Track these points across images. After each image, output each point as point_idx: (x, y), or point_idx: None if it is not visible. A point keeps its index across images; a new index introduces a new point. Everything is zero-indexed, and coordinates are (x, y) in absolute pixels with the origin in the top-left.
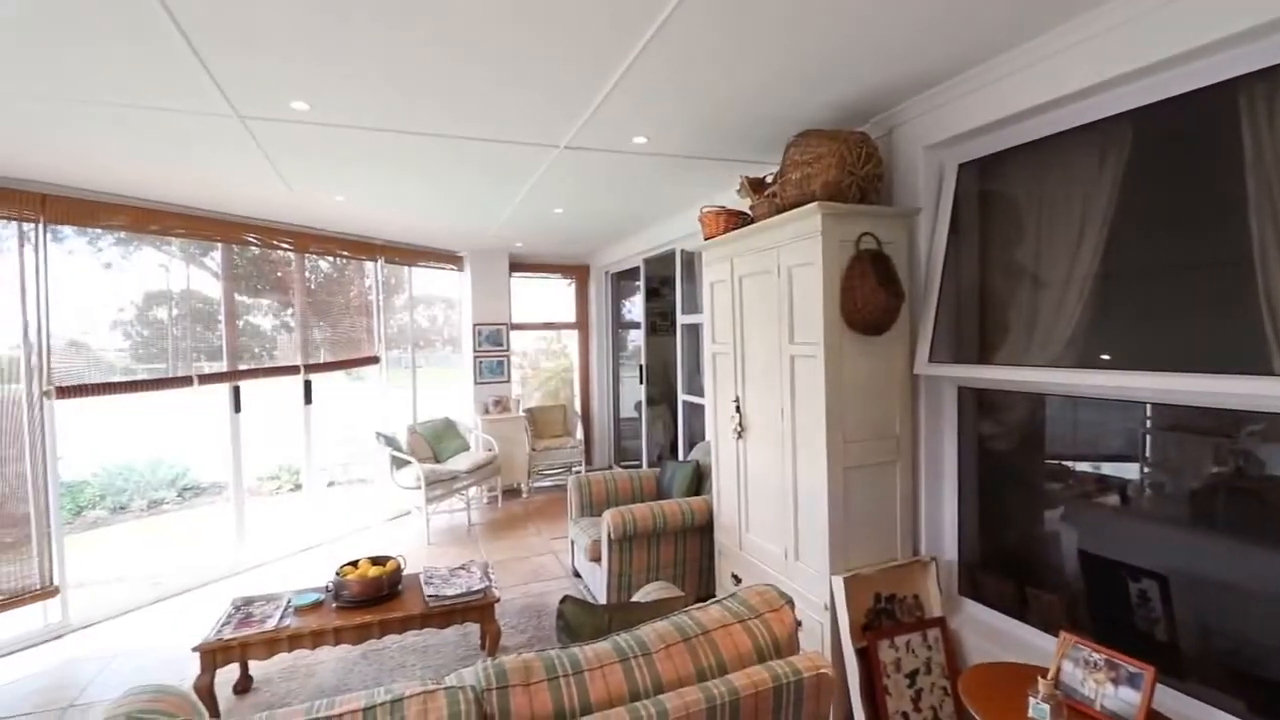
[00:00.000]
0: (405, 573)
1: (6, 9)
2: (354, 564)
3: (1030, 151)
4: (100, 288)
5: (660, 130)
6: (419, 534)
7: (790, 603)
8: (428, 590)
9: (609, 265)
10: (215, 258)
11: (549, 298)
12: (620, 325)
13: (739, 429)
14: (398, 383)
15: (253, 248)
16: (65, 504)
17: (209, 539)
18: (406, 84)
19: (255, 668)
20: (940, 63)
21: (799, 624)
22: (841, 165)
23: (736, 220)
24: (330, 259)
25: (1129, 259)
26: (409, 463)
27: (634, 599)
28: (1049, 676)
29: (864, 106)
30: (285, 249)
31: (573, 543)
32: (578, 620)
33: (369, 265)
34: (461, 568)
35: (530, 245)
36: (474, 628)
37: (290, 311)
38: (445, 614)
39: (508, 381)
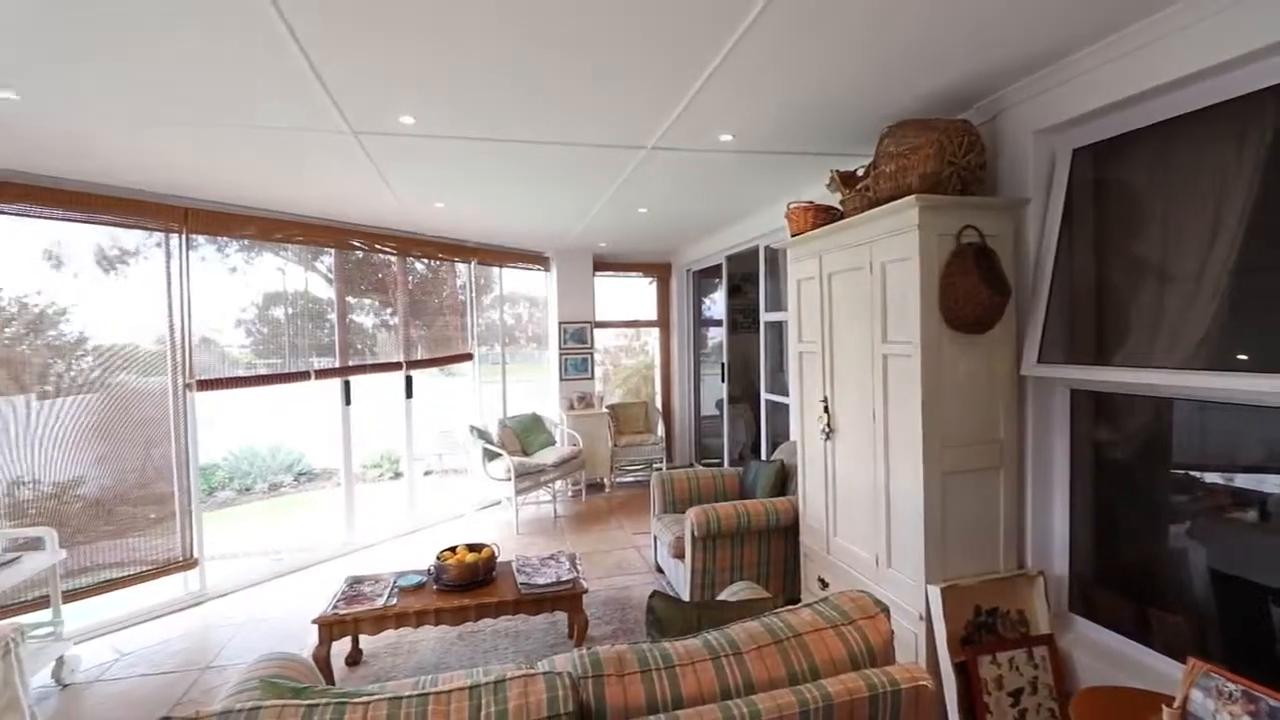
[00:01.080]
0: (498, 560)
1: (165, 50)
2: (452, 550)
3: (1156, 134)
4: (226, 290)
5: (747, 126)
6: (508, 523)
7: (885, 610)
8: (520, 578)
9: (690, 263)
10: (325, 262)
11: (631, 296)
12: (701, 323)
13: (827, 430)
14: (485, 378)
15: (357, 252)
16: (200, 485)
17: (322, 521)
18: (504, 95)
19: (364, 642)
20: (1055, 42)
21: (892, 633)
22: (940, 155)
23: (825, 216)
24: (426, 261)
25: (1272, 250)
26: (500, 455)
27: (719, 598)
28: (1175, 705)
29: (965, 93)
30: (389, 253)
31: (655, 538)
32: (667, 615)
33: (461, 266)
34: (551, 558)
35: (614, 245)
36: (562, 616)
37: (390, 311)
38: (536, 602)
39: (591, 378)
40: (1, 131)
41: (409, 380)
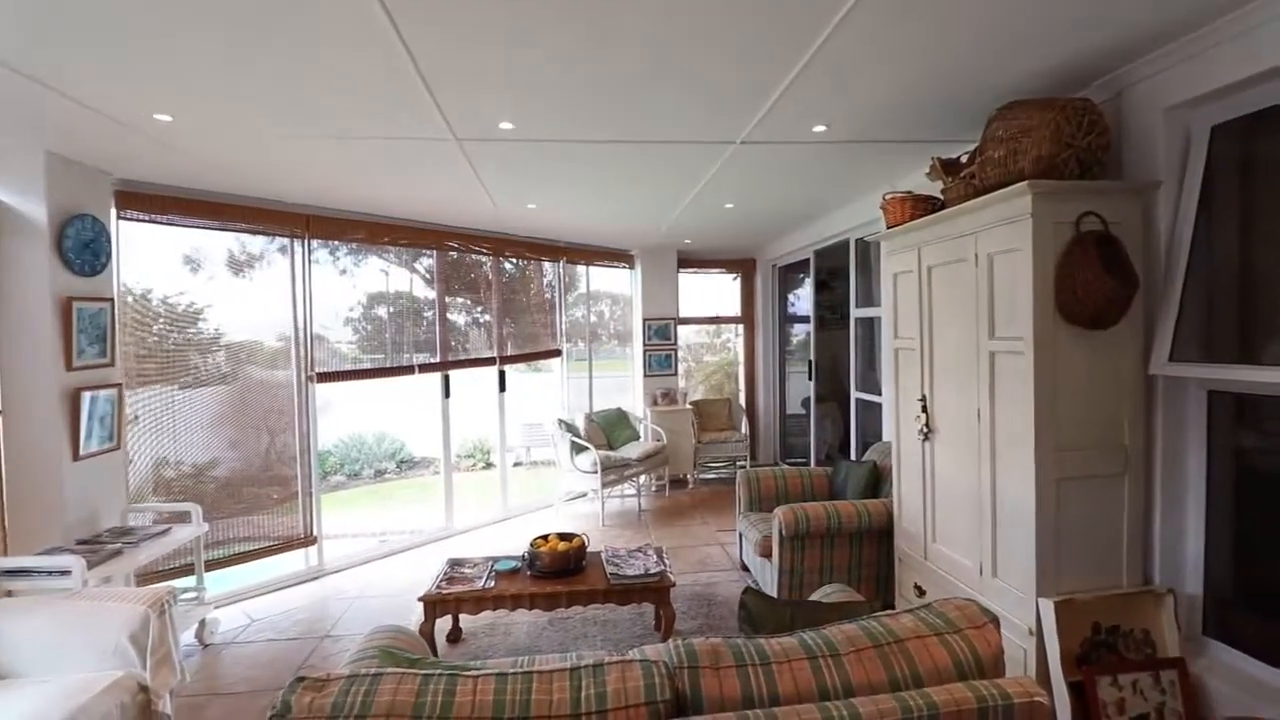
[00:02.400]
0: (587, 550)
1: (296, 67)
2: (545, 538)
3: None
4: (336, 291)
5: (842, 116)
6: (594, 515)
7: (995, 621)
8: (609, 568)
9: (776, 258)
10: (424, 263)
11: (714, 292)
12: (786, 319)
13: (925, 430)
14: (571, 374)
15: (453, 253)
16: (318, 468)
17: (422, 506)
18: (596, 96)
19: (463, 621)
20: (1191, 8)
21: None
22: (1057, 137)
23: (925, 206)
24: (515, 261)
25: None
26: (586, 449)
27: (812, 599)
28: None
29: (1084, 69)
30: (483, 253)
31: (741, 536)
32: (760, 613)
33: (548, 265)
34: (638, 550)
35: (698, 241)
36: (649, 608)
37: (481, 309)
38: (625, 592)
39: (674, 375)
40: (157, 150)
41: (502, 375)
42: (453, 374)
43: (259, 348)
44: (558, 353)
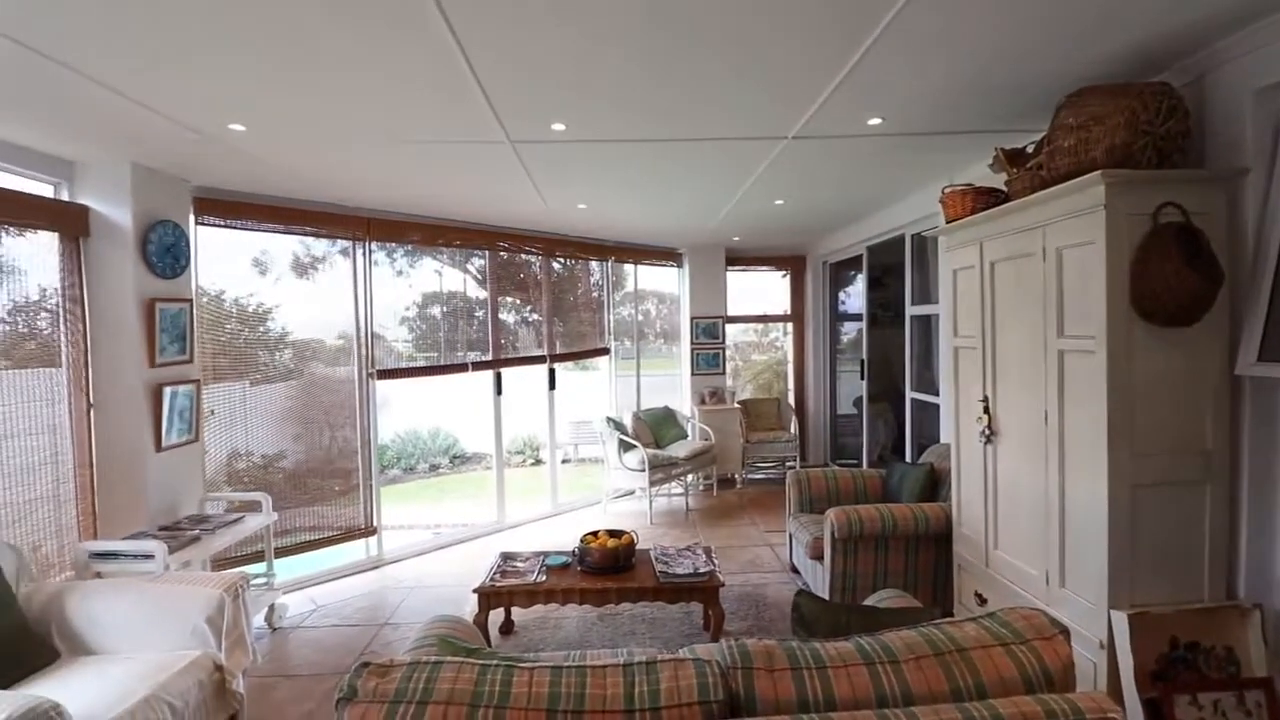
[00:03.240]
0: (636, 548)
1: (358, 76)
2: (594, 534)
3: None
4: (393, 290)
5: (899, 108)
6: (642, 513)
7: (1065, 633)
8: (658, 566)
9: (827, 255)
10: (476, 263)
11: (762, 290)
12: (837, 317)
13: (987, 432)
14: (618, 372)
15: (504, 253)
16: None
17: (474, 500)
18: (646, 96)
19: (514, 613)
20: None
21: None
22: (1133, 124)
23: (987, 199)
24: (563, 260)
25: None
26: (634, 447)
27: (867, 603)
28: None
29: (1163, 51)
30: (534, 253)
31: (791, 537)
32: (814, 615)
33: (595, 264)
34: (687, 549)
35: (747, 238)
36: (697, 607)
37: (531, 308)
38: (674, 590)
39: (722, 373)
40: (231, 157)
41: (552, 373)
42: (503, 372)
43: (321, 346)
44: (605, 351)
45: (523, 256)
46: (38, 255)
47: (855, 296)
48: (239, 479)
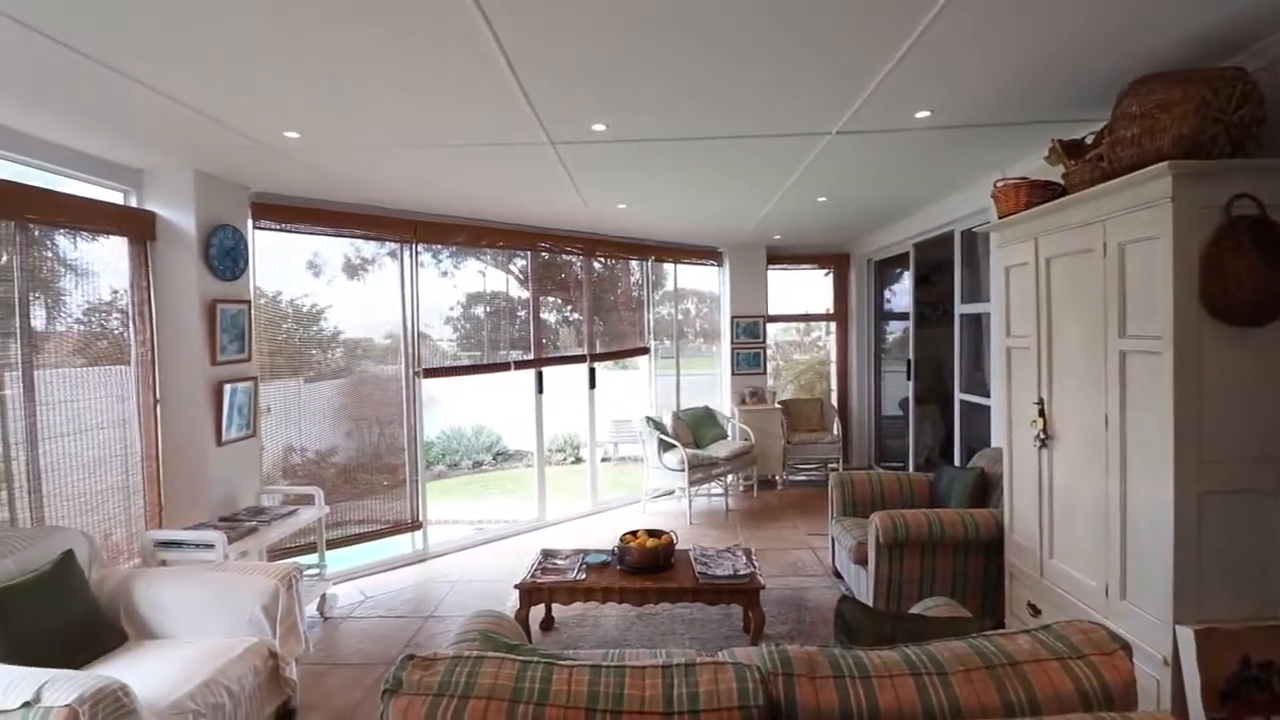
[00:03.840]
0: (676, 548)
1: (406, 83)
2: (634, 534)
3: None
4: (438, 291)
5: (949, 99)
6: (681, 513)
7: (1126, 648)
8: (698, 567)
9: (871, 253)
10: (518, 264)
11: (804, 289)
12: (883, 316)
13: (1042, 436)
14: (658, 371)
15: (545, 254)
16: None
17: (516, 497)
18: (689, 91)
19: (554, 610)
20: None
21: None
22: (1203, 112)
23: (1042, 193)
24: (604, 260)
25: None
26: (674, 447)
27: (913, 611)
28: None
29: (1237, 33)
30: (575, 253)
31: (834, 541)
32: (858, 622)
33: (635, 264)
34: (727, 550)
35: (789, 236)
36: (737, 610)
37: (571, 308)
38: (714, 592)
39: (763, 373)
40: (285, 164)
41: (592, 372)
42: (544, 371)
43: (371, 344)
44: (645, 350)
45: (564, 256)
46: (109, 259)
47: (901, 295)
48: (294, 473)
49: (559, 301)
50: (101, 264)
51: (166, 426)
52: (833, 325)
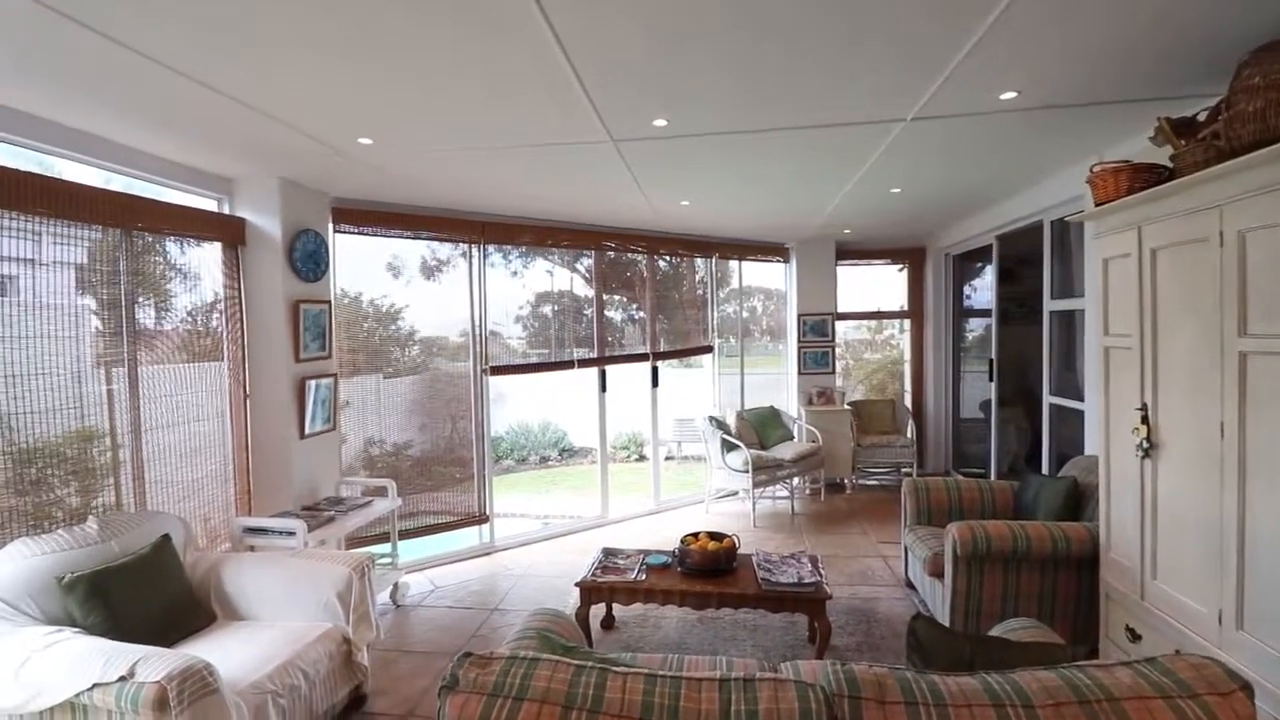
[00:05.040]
0: (738, 552)
1: (472, 86)
2: (695, 536)
3: None
4: (509, 290)
5: (1039, 77)
6: (744, 515)
7: (1246, 688)
8: (760, 573)
9: (949, 246)
10: (584, 263)
11: (876, 285)
12: (962, 313)
13: (1145, 445)
14: (722, 369)
15: (610, 252)
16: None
17: (580, 494)
18: (752, 83)
19: (615, 609)
20: None
21: None
22: None
23: (1147, 177)
24: (668, 258)
25: None
26: (738, 447)
27: (993, 633)
28: None
29: None
30: (638, 251)
31: (907, 550)
32: (932, 644)
33: (700, 261)
34: (791, 557)
35: (859, 231)
36: (801, 617)
37: (635, 306)
38: (777, 599)
39: (832, 373)
40: (361, 169)
41: (655, 370)
42: (608, 369)
43: (446, 343)
44: (709, 349)
45: (628, 255)
46: (207, 263)
47: (983, 290)
48: (373, 464)
49: (624, 300)
50: (201, 267)
51: (255, 420)
52: (907, 323)
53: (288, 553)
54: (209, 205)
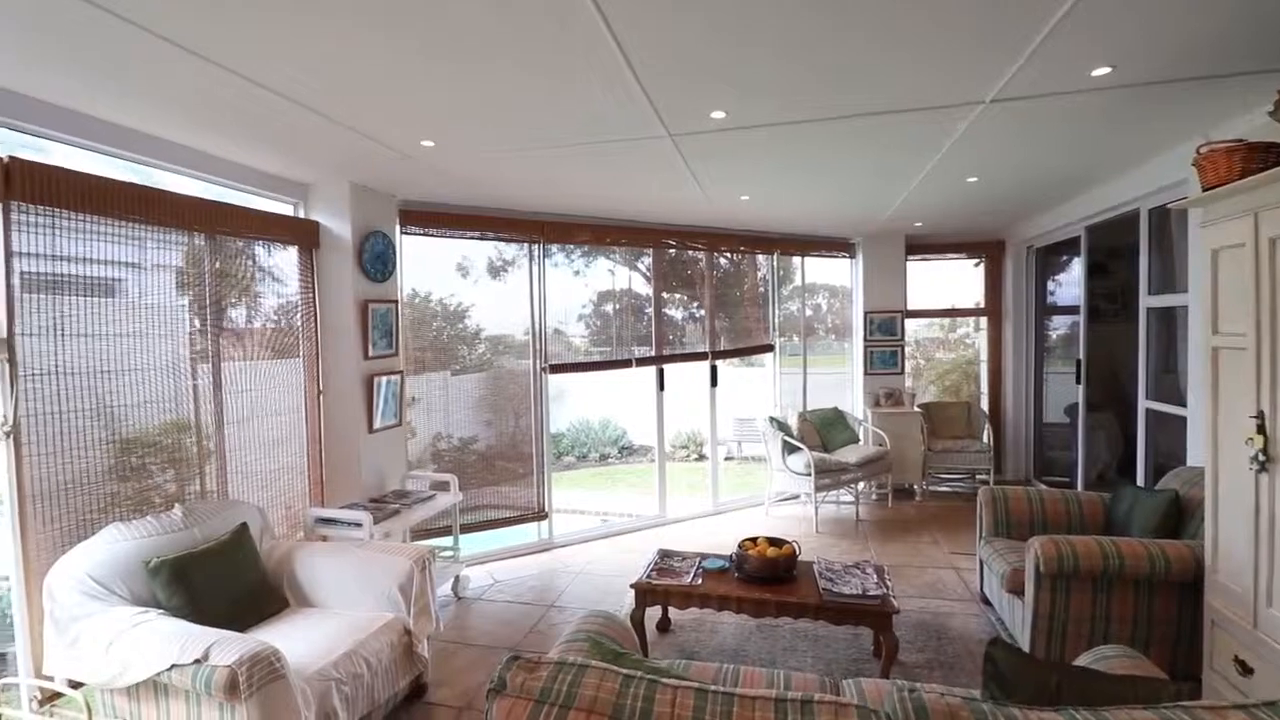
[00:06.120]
0: (798, 559)
1: (530, 89)
2: (753, 540)
3: None
4: (572, 289)
5: (1137, 50)
6: (806, 520)
7: None
8: (822, 582)
9: (1032, 238)
10: (645, 261)
11: (949, 280)
12: (1045, 310)
13: (1261, 457)
14: (784, 368)
15: (671, 250)
16: (551, 450)
17: (638, 492)
18: (815, 69)
19: (672, 612)
20: None
21: None
22: None
23: (1264, 157)
24: (729, 255)
25: None
26: (799, 449)
27: (1082, 662)
28: None
29: None
30: (698, 249)
31: (982, 563)
32: (1013, 672)
33: (762, 258)
34: (855, 566)
35: (931, 223)
36: (866, 630)
37: (696, 304)
38: (839, 611)
39: (900, 373)
40: (424, 172)
41: (714, 369)
42: (668, 367)
43: (512, 341)
44: (770, 347)
45: (688, 253)
46: (286, 265)
47: (1069, 286)
48: (441, 458)
49: (684, 298)
50: (281, 268)
51: (328, 414)
52: (984, 321)
53: (354, 543)
54: (286, 210)
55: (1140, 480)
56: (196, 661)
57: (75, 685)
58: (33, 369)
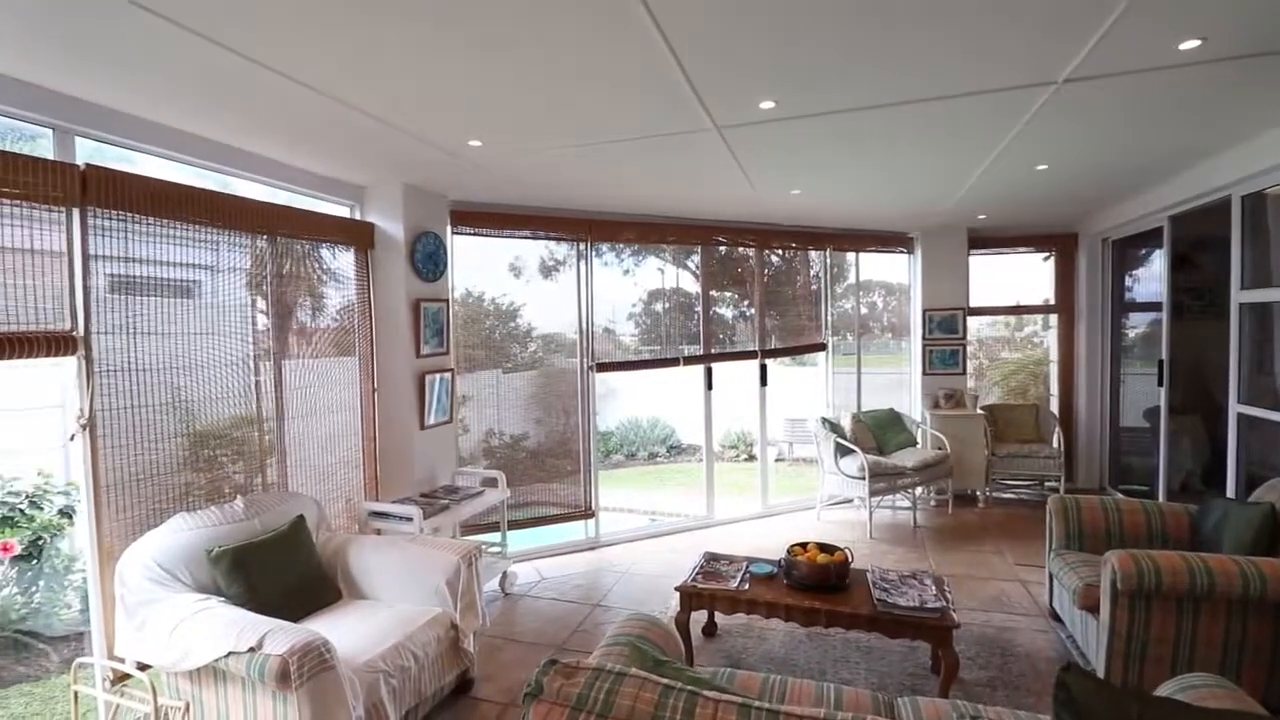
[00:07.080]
0: (851, 567)
1: (574, 84)
2: (803, 546)
3: None
4: (620, 288)
5: (1231, 19)
6: (860, 525)
7: None
8: (876, 592)
9: (1108, 230)
10: (694, 259)
11: (1016, 276)
12: (1123, 307)
13: None
14: (837, 368)
15: (720, 248)
16: (599, 448)
17: (687, 492)
18: (869, 55)
19: (718, 616)
20: None
21: None
22: None
23: None
24: (780, 252)
25: None
26: (853, 452)
27: (1166, 692)
28: None
29: None
30: (748, 246)
31: (1052, 577)
32: (1088, 702)
33: (814, 255)
34: (912, 576)
35: (995, 216)
36: (923, 644)
37: (746, 302)
38: (895, 624)
39: (962, 374)
40: (472, 171)
41: (763, 369)
42: (717, 366)
43: (562, 339)
44: (822, 346)
45: (739, 250)
46: (343, 265)
47: (1149, 281)
48: (493, 454)
49: (735, 296)
50: (339, 269)
51: (382, 411)
52: (1054, 318)
53: (404, 538)
54: (343, 212)
55: (1230, 491)
56: (251, 650)
57: (143, 667)
58: (108, 365)
